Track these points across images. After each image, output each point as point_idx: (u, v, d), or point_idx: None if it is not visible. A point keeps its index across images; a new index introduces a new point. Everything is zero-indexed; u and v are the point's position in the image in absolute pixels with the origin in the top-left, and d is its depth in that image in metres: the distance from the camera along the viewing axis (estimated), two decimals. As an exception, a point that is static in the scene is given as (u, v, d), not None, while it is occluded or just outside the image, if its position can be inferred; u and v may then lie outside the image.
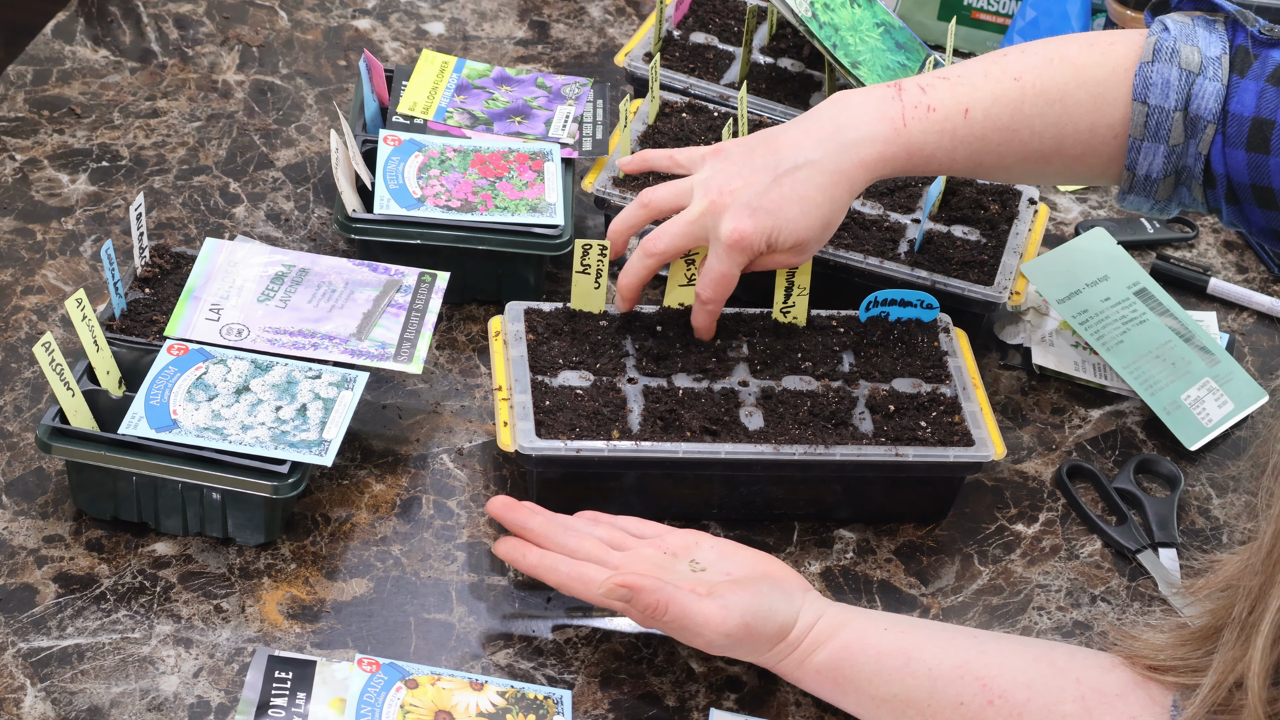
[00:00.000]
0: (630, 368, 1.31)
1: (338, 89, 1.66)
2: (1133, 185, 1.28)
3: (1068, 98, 1.26)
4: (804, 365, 1.33)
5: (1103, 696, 1.07)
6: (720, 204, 1.27)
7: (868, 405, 1.30)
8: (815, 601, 1.16)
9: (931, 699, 1.11)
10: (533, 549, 1.20)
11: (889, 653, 1.13)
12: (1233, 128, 1.22)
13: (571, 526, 1.22)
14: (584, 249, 1.32)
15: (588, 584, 1.16)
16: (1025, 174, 1.31)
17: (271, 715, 1.11)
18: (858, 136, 1.25)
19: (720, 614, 1.13)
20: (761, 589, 1.15)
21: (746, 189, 1.26)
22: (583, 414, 1.26)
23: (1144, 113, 1.24)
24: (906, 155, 1.26)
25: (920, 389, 1.32)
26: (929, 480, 1.30)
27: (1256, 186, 1.23)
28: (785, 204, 1.26)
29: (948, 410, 1.30)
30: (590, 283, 1.33)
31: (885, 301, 1.35)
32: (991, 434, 1.29)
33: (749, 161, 1.28)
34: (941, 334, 1.36)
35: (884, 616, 1.16)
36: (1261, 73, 1.22)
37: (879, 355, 1.34)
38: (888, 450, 1.27)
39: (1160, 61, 1.24)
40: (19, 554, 1.23)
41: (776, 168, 1.26)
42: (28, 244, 1.46)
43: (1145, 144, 1.25)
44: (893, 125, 1.25)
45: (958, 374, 1.33)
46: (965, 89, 1.26)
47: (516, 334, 1.32)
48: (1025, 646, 1.13)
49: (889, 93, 1.27)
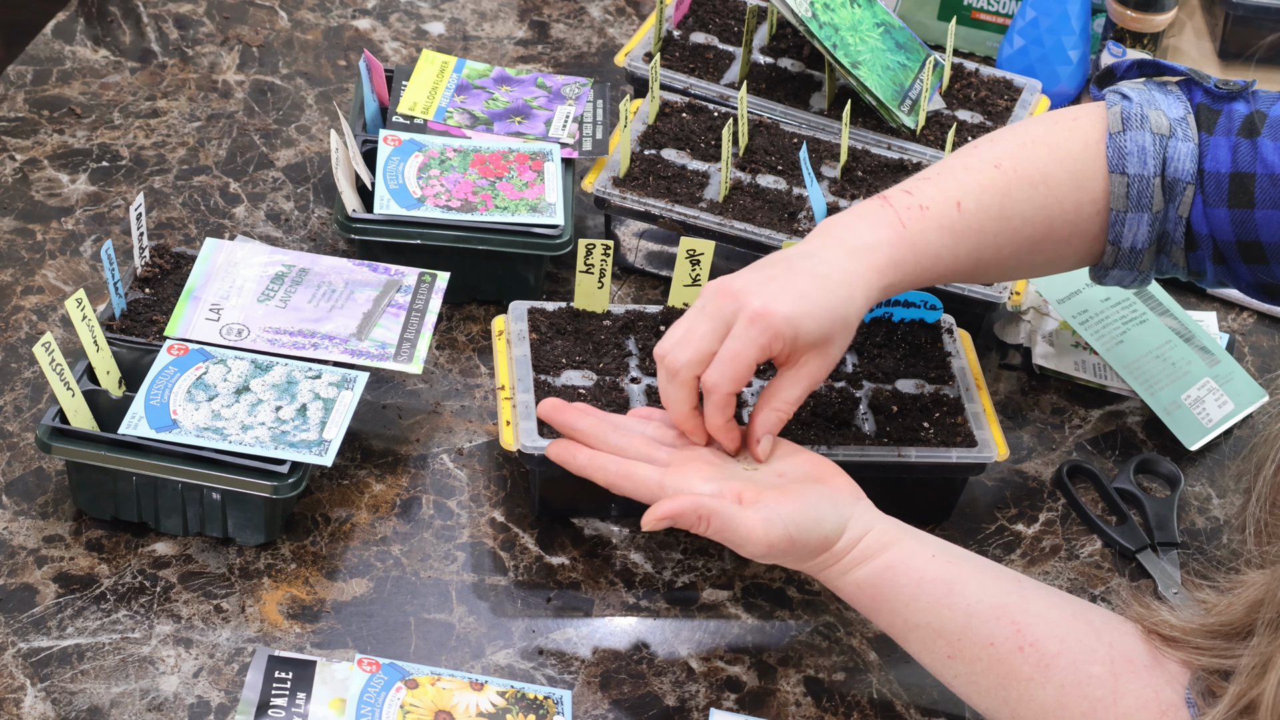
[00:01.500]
0: (633, 367, 1.31)
1: (338, 89, 1.66)
2: (1117, 260, 1.24)
3: (1050, 179, 1.22)
4: None
5: (1131, 665, 1.07)
6: (737, 289, 1.16)
7: (870, 406, 1.30)
8: (865, 513, 1.15)
9: (964, 634, 1.11)
10: (582, 449, 1.19)
11: (931, 580, 1.12)
12: (1211, 186, 1.20)
13: (622, 425, 1.21)
14: (587, 249, 1.32)
15: (636, 481, 1.15)
16: (1019, 265, 1.26)
17: (271, 715, 1.11)
18: (861, 243, 1.18)
19: (763, 526, 1.12)
20: (809, 498, 1.14)
21: (763, 279, 1.16)
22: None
23: (1124, 183, 1.21)
24: (914, 258, 1.20)
25: (923, 390, 1.31)
26: (932, 481, 1.30)
27: (1242, 242, 1.21)
28: (810, 289, 1.15)
29: (950, 411, 1.30)
30: (594, 282, 1.33)
31: (889, 302, 1.35)
32: (994, 435, 1.29)
33: (754, 267, 1.18)
34: (945, 335, 1.36)
35: (934, 542, 1.15)
36: (1230, 127, 1.21)
37: (882, 356, 1.34)
38: (890, 451, 1.27)
39: (1132, 129, 1.21)
40: (19, 554, 1.23)
41: (788, 261, 1.17)
42: (28, 244, 1.46)
43: (1129, 215, 1.22)
44: (892, 229, 1.19)
45: (961, 375, 1.33)
46: (951, 183, 1.22)
47: (519, 333, 1.32)
48: (1064, 601, 1.13)
49: (876, 203, 1.21)
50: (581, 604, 1.24)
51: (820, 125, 1.55)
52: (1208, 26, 1.80)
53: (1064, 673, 1.08)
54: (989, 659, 1.10)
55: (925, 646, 1.12)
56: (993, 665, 1.10)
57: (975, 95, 1.60)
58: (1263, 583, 1.01)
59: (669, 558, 1.28)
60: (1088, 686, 1.07)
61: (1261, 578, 1.02)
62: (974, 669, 1.11)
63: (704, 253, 1.32)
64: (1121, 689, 1.06)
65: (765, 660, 1.22)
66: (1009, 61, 1.69)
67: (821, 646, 1.24)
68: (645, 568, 1.27)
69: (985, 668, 1.10)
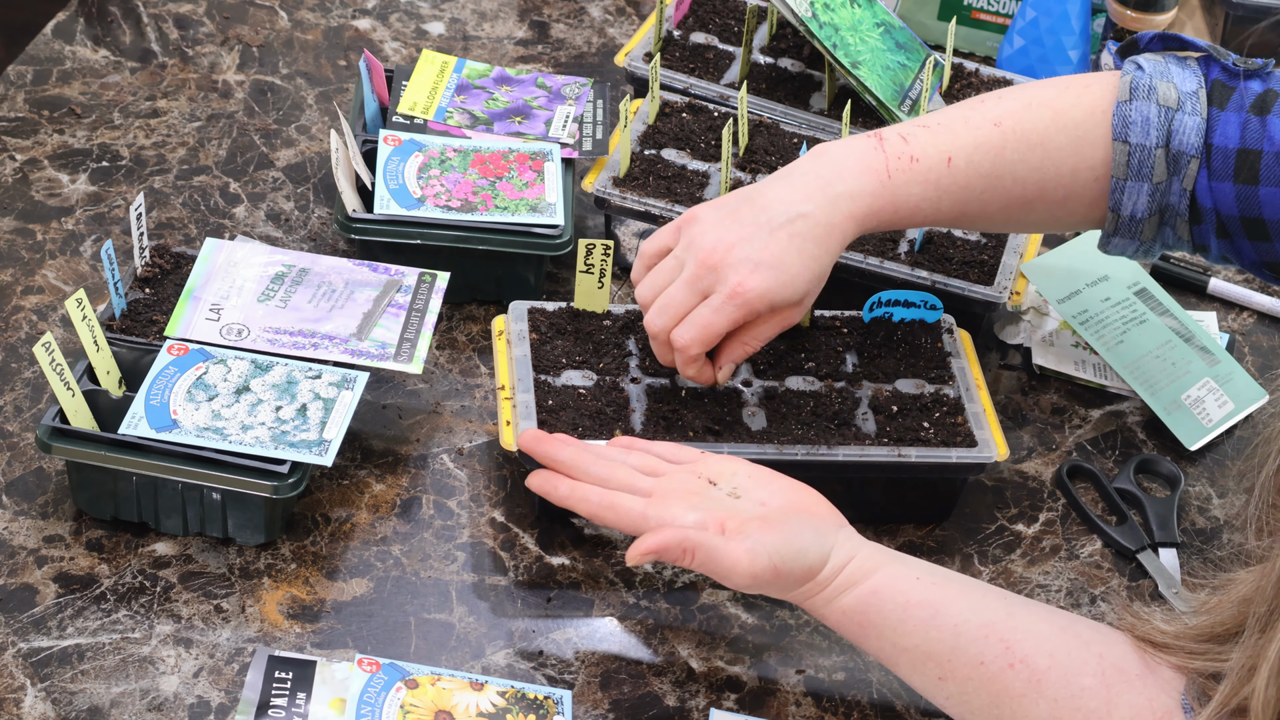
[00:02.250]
0: (633, 367, 1.31)
1: (338, 89, 1.66)
2: (1117, 227, 1.26)
3: (1048, 142, 1.25)
4: (807, 366, 1.33)
5: (1123, 675, 1.06)
6: (717, 260, 1.22)
7: (870, 406, 1.30)
8: (848, 540, 1.15)
9: (953, 655, 1.10)
10: (564, 480, 1.19)
11: (917, 604, 1.12)
12: (1218, 161, 1.22)
13: (604, 455, 1.21)
14: (587, 249, 1.32)
15: (619, 512, 1.15)
16: (1008, 221, 1.30)
17: (271, 715, 1.11)
18: (845, 190, 1.23)
19: (748, 558, 1.12)
20: (792, 527, 1.14)
21: (743, 244, 1.22)
22: (585, 413, 1.26)
23: (1125, 151, 1.23)
24: (893, 209, 1.24)
25: (923, 390, 1.32)
26: (931, 481, 1.30)
27: (1246, 218, 1.22)
28: (786, 257, 1.22)
29: (951, 411, 1.30)
30: (594, 282, 1.33)
31: (889, 302, 1.35)
32: (994, 435, 1.29)
33: (736, 218, 1.23)
34: (945, 335, 1.36)
35: (917, 565, 1.15)
36: (1242, 104, 1.22)
37: (882, 356, 1.34)
38: (890, 451, 1.27)
39: (1138, 99, 1.23)
40: (19, 554, 1.23)
41: (770, 222, 1.22)
42: (28, 244, 1.46)
43: (1129, 183, 1.24)
44: (878, 178, 1.23)
45: (961, 375, 1.33)
46: (946, 136, 1.25)
47: (520, 333, 1.32)
48: (1052, 615, 1.13)
49: (870, 143, 1.24)
50: (581, 604, 1.24)
51: (820, 125, 1.55)
52: (1208, 26, 1.80)
53: (1056, 687, 1.07)
54: (980, 678, 1.09)
55: (915, 669, 1.12)
56: (984, 684, 1.09)
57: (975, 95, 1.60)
58: (1252, 580, 1.01)
59: (669, 558, 1.28)
60: (1081, 699, 1.07)
61: (1251, 575, 1.02)
62: (965, 689, 1.10)
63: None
64: (1115, 699, 1.06)
65: (765, 660, 1.22)
66: (1009, 61, 1.69)
67: (821, 646, 1.24)
68: (645, 568, 1.27)
69: (977, 687, 1.10)
